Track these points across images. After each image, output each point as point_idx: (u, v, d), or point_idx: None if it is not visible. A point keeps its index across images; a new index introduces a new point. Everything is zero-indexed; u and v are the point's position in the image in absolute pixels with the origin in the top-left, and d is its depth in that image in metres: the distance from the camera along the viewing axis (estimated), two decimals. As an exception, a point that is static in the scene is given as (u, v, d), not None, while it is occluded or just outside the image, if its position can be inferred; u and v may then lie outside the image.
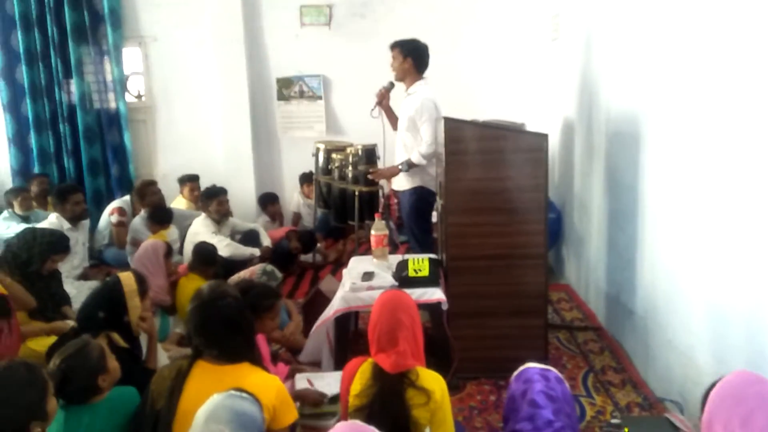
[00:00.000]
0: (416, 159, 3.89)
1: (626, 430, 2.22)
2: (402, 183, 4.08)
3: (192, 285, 3.60)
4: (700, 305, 2.51)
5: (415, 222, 4.10)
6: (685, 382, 2.62)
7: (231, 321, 2.00)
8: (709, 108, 2.40)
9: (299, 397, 2.82)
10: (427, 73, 4.09)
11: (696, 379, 2.48)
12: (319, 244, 5.44)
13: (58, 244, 3.52)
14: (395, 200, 5.45)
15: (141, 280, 2.65)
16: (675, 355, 2.75)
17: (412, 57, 3.96)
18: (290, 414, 1.96)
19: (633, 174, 3.20)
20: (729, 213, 2.27)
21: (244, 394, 1.65)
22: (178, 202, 5.68)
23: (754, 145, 2.09)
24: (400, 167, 3.99)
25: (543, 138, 3.11)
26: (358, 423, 1.48)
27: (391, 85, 4.09)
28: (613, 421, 2.49)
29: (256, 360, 2.06)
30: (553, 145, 4.43)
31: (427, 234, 4.17)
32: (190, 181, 5.71)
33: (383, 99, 4.12)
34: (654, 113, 2.97)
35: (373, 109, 4.13)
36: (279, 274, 3.46)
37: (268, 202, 5.90)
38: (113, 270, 4.86)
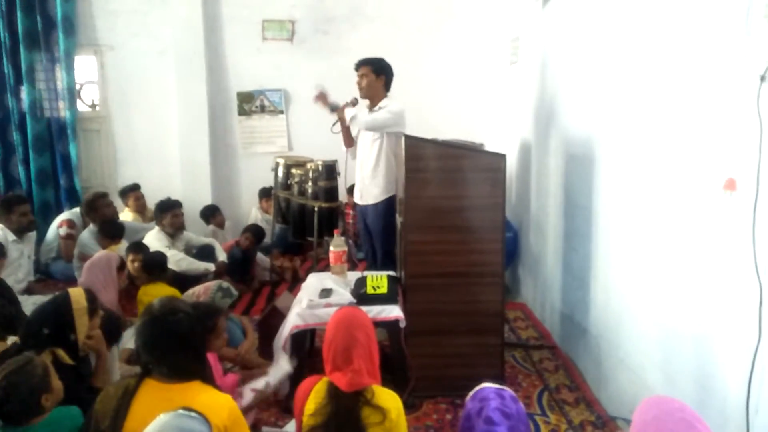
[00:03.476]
0: (363, 116, 3.97)
1: (579, 448, 2.25)
2: (371, 195, 4.05)
3: (154, 290, 3.62)
4: (650, 325, 2.57)
5: (386, 236, 4.03)
6: (637, 401, 2.64)
7: (182, 337, 1.94)
8: (660, 132, 2.48)
9: (250, 408, 2.77)
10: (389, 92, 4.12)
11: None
12: (275, 261, 5.37)
13: None
14: (350, 212, 5.45)
15: (92, 298, 2.55)
16: (626, 374, 2.80)
17: (385, 75, 4.03)
18: None
19: (587, 195, 3.27)
20: (678, 235, 2.33)
21: (193, 413, 1.60)
22: (125, 215, 5.52)
23: (701, 169, 2.17)
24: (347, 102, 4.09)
25: (501, 158, 3.16)
26: None
27: (356, 101, 4.10)
28: (567, 439, 2.51)
29: (207, 378, 2.00)
30: (511, 165, 4.51)
31: (393, 250, 4.16)
32: (131, 191, 5.57)
33: (343, 115, 4.11)
34: (608, 136, 3.05)
35: (334, 125, 4.14)
36: (234, 291, 3.39)
37: (210, 214, 5.78)
38: (60, 284, 4.69)
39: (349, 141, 4.22)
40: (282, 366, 2.96)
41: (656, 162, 2.52)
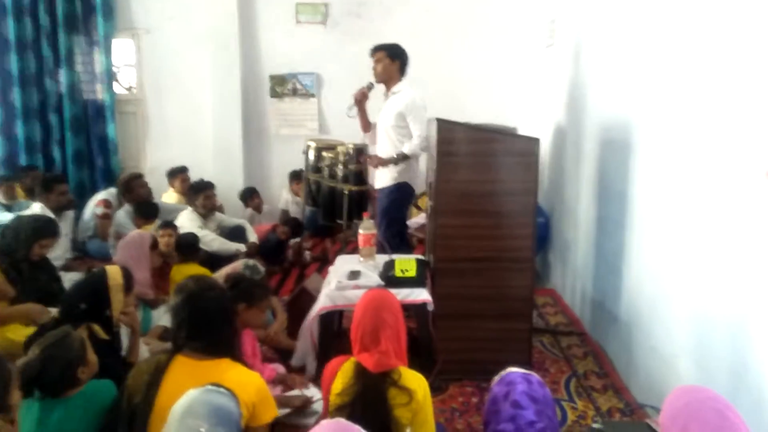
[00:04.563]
0: (409, 150, 3.91)
1: (607, 435, 2.22)
2: (384, 179, 4.07)
3: (187, 270, 3.71)
4: (684, 313, 2.52)
5: (392, 220, 4.07)
6: (667, 389, 2.59)
7: (220, 312, 2.00)
8: (700, 117, 2.41)
9: (284, 402, 2.81)
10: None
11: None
12: (305, 244, 5.42)
13: (44, 228, 3.47)
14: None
15: (128, 276, 2.62)
16: (657, 362, 2.76)
17: (399, 60, 4.04)
18: (270, 412, 1.95)
19: (622, 181, 3.21)
20: (716, 222, 2.27)
21: (222, 389, 1.63)
22: (169, 196, 5.63)
23: (742, 154, 2.10)
24: (393, 157, 3.97)
25: (534, 142, 3.11)
26: (342, 421, 1.46)
27: (372, 86, 4.13)
28: (595, 425, 2.48)
29: (236, 356, 2.04)
30: (544, 150, 4.44)
31: (403, 235, 4.15)
32: (180, 172, 5.66)
33: (364, 98, 4.14)
34: (645, 121, 2.98)
35: (350, 108, 4.16)
36: (261, 269, 3.45)
37: (248, 196, 5.89)
38: (96, 262, 4.82)
39: (367, 126, 4.24)
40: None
41: (696, 147, 2.45)
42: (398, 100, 3.96)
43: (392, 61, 4.02)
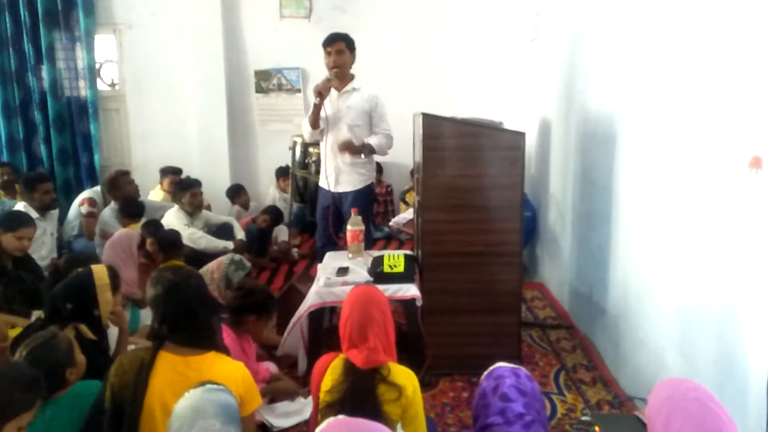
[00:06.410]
0: (376, 143, 3.74)
1: (596, 427, 2.24)
2: (354, 182, 3.86)
3: None
4: (670, 305, 2.55)
5: (367, 223, 3.82)
6: (654, 381, 2.62)
7: (202, 301, 1.99)
8: (684, 110, 2.43)
9: (272, 391, 2.82)
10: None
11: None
12: (293, 240, 5.40)
13: (13, 219, 3.38)
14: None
15: (114, 275, 2.59)
16: (645, 354, 2.78)
17: (354, 54, 3.87)
18: (255, 400, 1.97)
19: (608, 174, 3.23)
20: (701, 214, 2.30)
21: (220, 386, 1.62)
22: (156, 194, 5.59)
23: (726, 147, 2.12)
24: (365, 145, 3.76)
25: (520, 136, 3.12)
26: (350, 419, 1.45)
27: (330, 81, 3.81)
28: (584, 418, 2.52)
29: (220, 347, 2.03)
30: (530, 144, 4.46)
31: (369, 235, 3.97)
32: (173, 173, 5.60)
33: (326, 92, 3.78)
34: (630, 115, 3.00)
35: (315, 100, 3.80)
36: (247, 264, 3.43)
37: (235, 193, 5.84)
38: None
39: (318, 121, 3.82)
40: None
41: (679, 140, 2.47)
42: (363, 97, 3.78)
43: (351, 53, 3.82)
